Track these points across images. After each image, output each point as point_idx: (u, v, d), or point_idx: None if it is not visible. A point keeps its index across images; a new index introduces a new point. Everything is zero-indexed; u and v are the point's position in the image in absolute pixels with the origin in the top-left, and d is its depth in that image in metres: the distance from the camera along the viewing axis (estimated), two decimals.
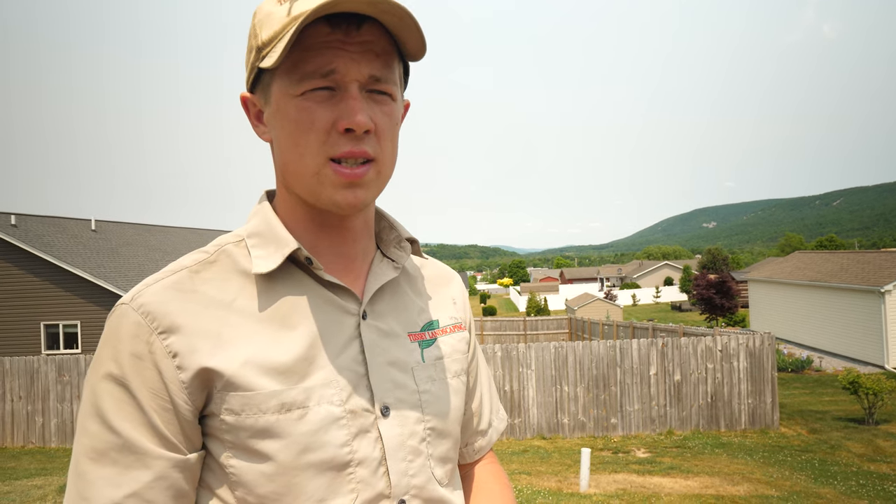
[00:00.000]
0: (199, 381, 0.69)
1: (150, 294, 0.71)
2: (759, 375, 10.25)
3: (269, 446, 0.69)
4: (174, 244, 23.50)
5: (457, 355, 0.89)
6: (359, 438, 0.74)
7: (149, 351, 0.68)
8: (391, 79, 0.75)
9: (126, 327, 0.69)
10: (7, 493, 7.61)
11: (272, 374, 0.71)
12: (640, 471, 8.08)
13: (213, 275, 0.75)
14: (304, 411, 0.71)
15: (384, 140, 0.75)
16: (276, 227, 0.78)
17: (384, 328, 0.81)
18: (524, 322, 26.22)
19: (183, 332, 0.69)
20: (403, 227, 0.89)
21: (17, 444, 11.26)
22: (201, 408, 0.71)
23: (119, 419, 0.67)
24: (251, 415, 0.69)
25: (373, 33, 0.71)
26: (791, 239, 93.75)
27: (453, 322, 0.92)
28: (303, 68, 0.70)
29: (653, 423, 10.32)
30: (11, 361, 11.30)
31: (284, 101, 0.72)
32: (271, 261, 0.75)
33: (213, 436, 0.71)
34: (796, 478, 7.72)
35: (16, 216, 18.19)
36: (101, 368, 0.69)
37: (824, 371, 17.48)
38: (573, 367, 10.45)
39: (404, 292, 0.87)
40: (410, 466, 0.77)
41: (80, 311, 16.81)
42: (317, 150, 0.71)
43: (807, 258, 25.64)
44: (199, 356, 0.69)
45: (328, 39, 0.69)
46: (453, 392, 0.86)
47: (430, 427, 0.81)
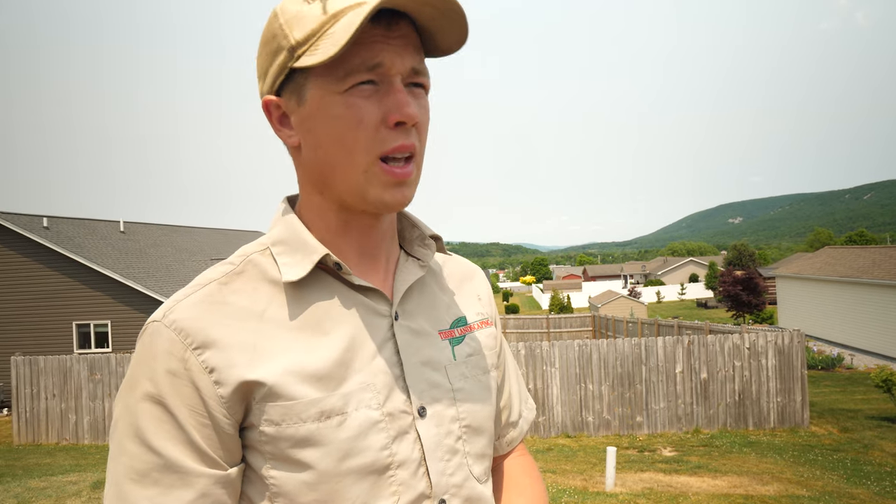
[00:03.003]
0: (238, 395, 0.69)
1: (182, 310, 0.70)
2: (789, 373, 10.06)
3: (310, 455, 0.69)
4: (200, 245, 23.86)
5: (486, 351, 0.89)
6: (398, 441, 0.73)
7: (185, 368, 0.68)
8: (426, 72, 0.75)
9: (160, 345, 0.69)
10: (44, 489, 7.81)
11: (310, 382, 0.70)
12: (666, 470, 7.99)
13: (242, 285, 0.74)
14: (344, 417, 0.71)
15: (423, 134, 0.76)
16: (303, 234, 0.77)
17: (416, 328, 0.81)
18: (547, 320, 26.08)
19: (218, 346, 0.69)
20: (426, 224, 0.89)
21: (51, 441, 11.57)
22: (241, 419, 0.70)
23: (159, 438, 0.67)
24: (291, 424, 0.69)
25: (409, 27, 0.72)
26: (820, 234, 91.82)
27: (480, 318, 0.91)
28: (347, 64, 0.69)
29: (679, 422, 10.20)
30: (45, 360, 11.60)
31: (327, 98, 0.71)
32: (300, 268, 0.74)
33: (253, 447, 0.71)
34: (828, 477, 7.57)
35: (48, 219, 18.63)
36: (136, 387, 0.69)
37: (856, 369, 17.09)
38: (597, 366, 10.37)
39: (431, 290, 0.87)
40: (449, 465, 0.77)
41: (111, 311, 17.17)
42: (367, 147, 0.71)
43: (837, 253, 25.09)
44: (237, 370, 0.69)
45: (371, 34, 0.69)
46: (485, 388, 0.86)
47: (466, 425, 0.81)
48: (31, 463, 10.06)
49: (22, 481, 8.38)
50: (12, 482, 8.38)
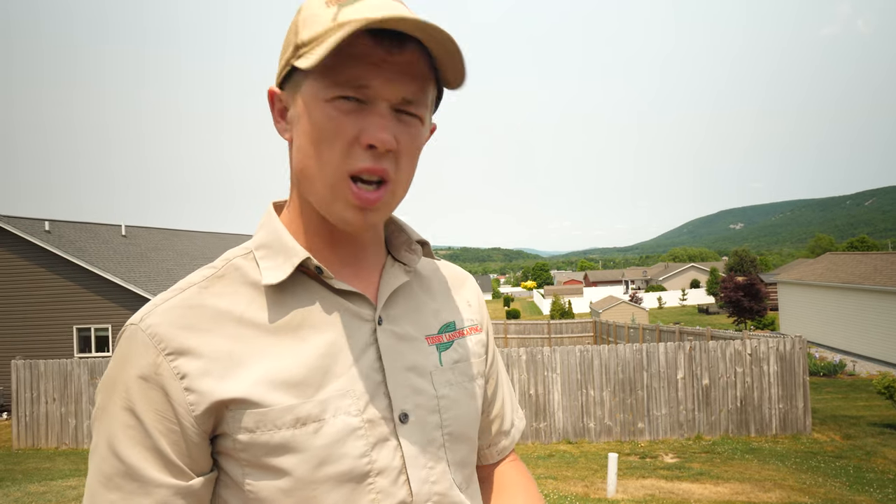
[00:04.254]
0: (210, 404, 0.68)
1: (159, 314, 0.70)
2: (791, 380, 10.03)
3: (286, 462, 0.69)
4: (201, 249, 23.88)
5: (474, 359, 0.88)
6: (378, 448, 0.73)
7: (155, 373, 0.67)
8: (423, 102, 0.73)
9: (134, 349, 0.69)
10: (43, 494, 7.79)
11: (286, 389, 0.70)
12: (668, 476, 7.97)
13: (223, 289, 0.74)
14: (320, 424, 0.70)
15: (403, 161, 0.73)
16: (284, 238, 0.77)
17: (400, 332, 0.80)
18: (548, 325, 26.05)
19: (192, 353, 0.69)
20: (413, 229, 0.88)
21: (51, 446, 11.54)
22: (211, 430, 0.70)
23: (124, 445, 0.67)
24: (266, 431, 0.69)
25: (414, 55, 0.70)
26: (821, 240, 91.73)
27: (470, 324, 0.90)
28: (337, 75, 0.69)
29: (681, 428, 10.17)
30: (46, 364, 11.58)
31: (313, 103, 0.71)
32: (280, 271, 0.74)
33: (228, 455, 0.71)
34: (830, 485, 7.53)
35: (49, 222, 18.65)
36: (110, 390, 0.69)
37: (858, 375, 17.04)
38: (599, 371, 10.35)
39: (417, 295, 0.86)
40: (431, 473, 0.76)
41: (111, 315, 17.17)
42: (338, 163, 0.70)
43: (838, 259, 25.06)
44: (210, 379, 0.68)
45: (369, 53, 0.68)
46: (471, 396, 0.85)
47: (449, 432, 0.80)
48: (31, 467, 10.03)
49: (21, 486, 8.36)
50: (12, 487, 8.35)
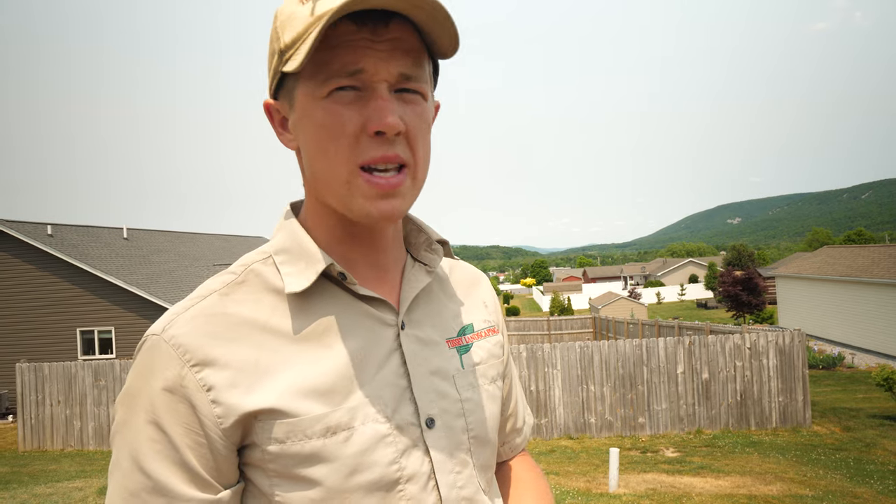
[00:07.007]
0: (238, 416, 0.66)
1: (182, 324, 0.68)
2: (790, 373, 10.11)
3: (317, 472, 0.67)
4: (202, 251, 23.90)
5: (493, 360, 0.87)
6: (406, 454, 0.71)
7: (181, 385, 0.66)
8: (422, 77, 0.70)
9: (158, 361, 0.67)
10: (50, 496, 7.85)
11: (315, 397, 0.68)
12: (669, 470, 8.04)
13: (244, 296, 0.72)
14: (350, 432, 0.69)
15: (416, 143, 0.70)
16: (305, 243, 0.74)
17: (423, 337, 0.78)
18: (548, 322, 26.11)
19: (218, 363, 0.67)
20: (432, 228, 0.85)
21: (56, 448, 11.60)
22: (239, 441, 0.68)
23: (150, 459, 0.65)
24: (296, 441, 0.67)
25: (401, 30, 0.67)
26: (818, 233, 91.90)
27: (487, 325, 0.89)
28: (328, 68, 0.66)
29: (681, 423, 10.25)
30: (50, 367, 11.64)
31: (310, 104, 0.68)
32: (303, 278, 0.72)
33: (257, 466, 0.69)
34: (831, 477, 7.61)
35: (52, 226, 18.66)
36: (132, 403, 0.68)
37: (857, 368, 17.14)
38: (599, 367, 10.42)
39: (437, 297, 0.84)
40: (459, 478, 0.76)
41: (115, 318, 17.20)
42: (346, 157, 0.67)
43: (836, 253, 25.15)
44: (238, 390, 0.67)
45: (354, 38, 0.65)
46: (491, 399, 0.84)
47: (474, 436, 0.79)
48: (37, 469, 10.09)
49: (28, 488, 8.42)
50: (18, 489, 8.42)
